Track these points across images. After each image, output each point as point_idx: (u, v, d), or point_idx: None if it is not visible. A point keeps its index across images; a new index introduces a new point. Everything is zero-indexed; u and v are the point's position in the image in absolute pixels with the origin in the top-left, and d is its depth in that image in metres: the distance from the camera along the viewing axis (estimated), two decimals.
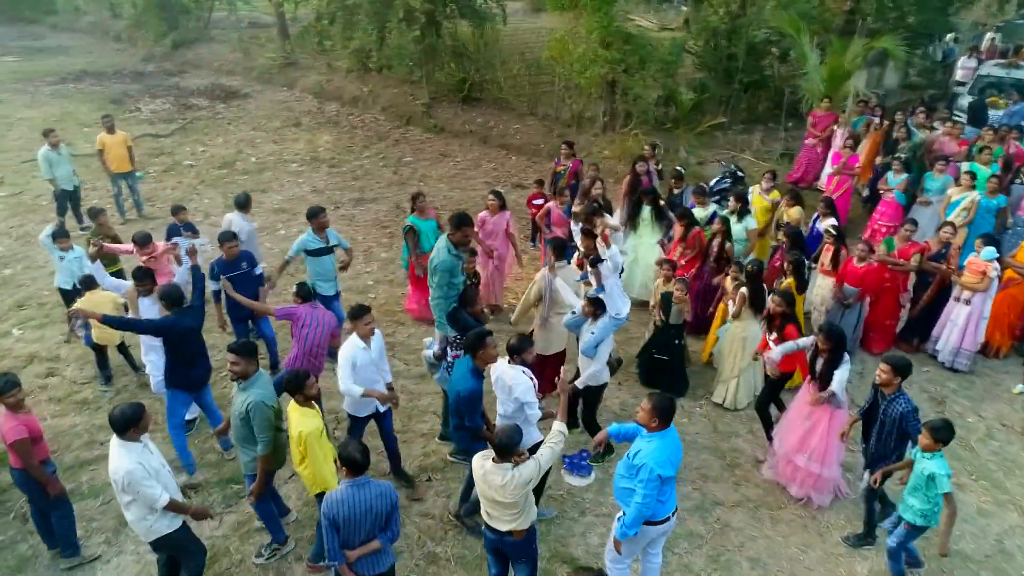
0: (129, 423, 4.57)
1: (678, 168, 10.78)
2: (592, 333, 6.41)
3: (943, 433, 5.06)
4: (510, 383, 5.47)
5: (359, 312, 5.85)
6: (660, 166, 11.33)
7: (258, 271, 7.62)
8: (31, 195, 13.08)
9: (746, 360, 7.40)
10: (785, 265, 7.89)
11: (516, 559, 4.93)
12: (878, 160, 11.92)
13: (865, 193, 12.15)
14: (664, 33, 18.94)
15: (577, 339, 6.74)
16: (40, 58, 25.10)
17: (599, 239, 6.43)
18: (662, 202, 9.44)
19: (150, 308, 6.95)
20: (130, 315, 7.11)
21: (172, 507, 4.77)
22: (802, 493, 6.37)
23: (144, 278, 6.95)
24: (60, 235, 7.79)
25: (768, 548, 5.96)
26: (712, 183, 11.98)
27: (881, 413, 5.54)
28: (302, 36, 19.91)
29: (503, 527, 4.70)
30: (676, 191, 10.05)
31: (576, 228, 7.14)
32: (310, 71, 21.10)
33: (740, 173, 12.32)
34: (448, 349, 6.51)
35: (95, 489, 6.42)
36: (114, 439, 4.65)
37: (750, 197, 10.23)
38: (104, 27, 29.65)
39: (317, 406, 5.35)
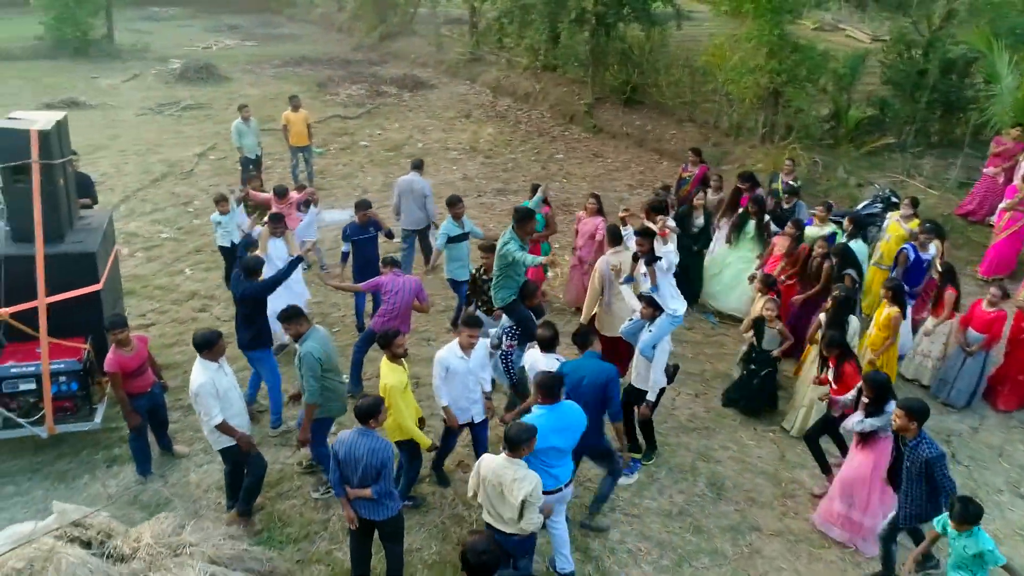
0: (205, 344, 5.47)
1: (791, 183, 10.24)
2: (650, 331, 6.46)
3: (971, 516, 4.60)
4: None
5: (470, 321, 6.01)
6: (798, 182, 10.84)
7: (391, 234, 9.01)
8: (232, 160, 15.21)
9: (819, 389, 7.00)
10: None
11: (518, 558, 4.93)
12: None
13: None
14: (874, 45, 17.65)
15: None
16: (273, 44, 28.70)
17: (656, 235, 6.45)
18: (767, 217, 9.12)
19: (278, 247, 8.12)
20: (257, 252, 8.28)
21: (223, 428, 5.58)
22: (845, 539, 5.99)
23: (277, 222, 8.16)
24: (220, 199, 9.16)
25: None
26: (860, 207, 11.18)
27: (906, 460, 5.12)
28: (484, 33, 21.01)
29: (507, 529, 4.74)
30: (787, 206, 9.60)
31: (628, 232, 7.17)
32: (491, 67, 22.23)
33: (895, 199, 11.35)
34: (504, 338, 6.88)
35: None
36: (197, 359, 5.59)
37: (886, 224, 9.54)
38: (330, 19, 33.14)
39: (404, 363, 5.94)
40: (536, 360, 5.81)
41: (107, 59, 24.27)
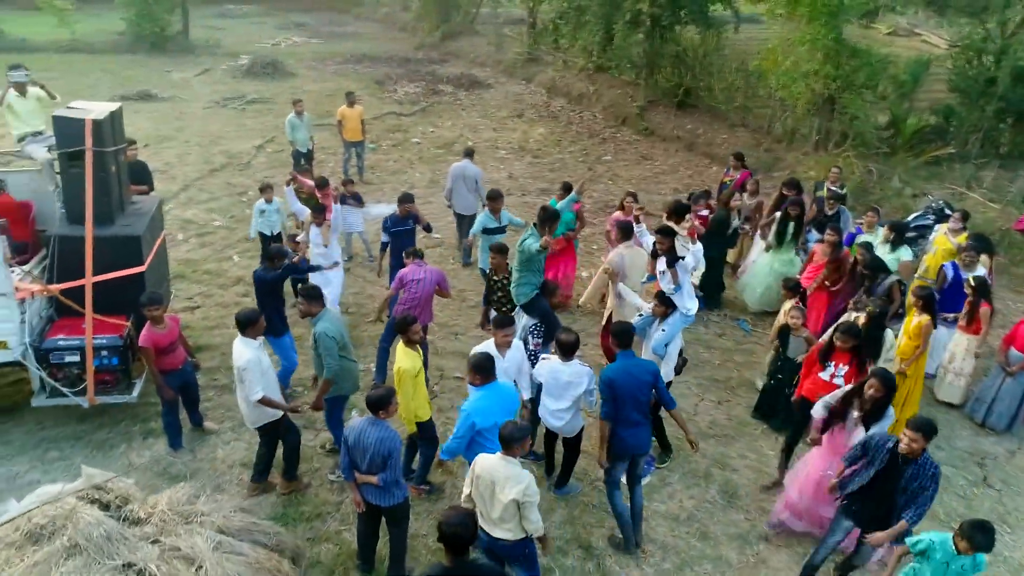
0: (248, 323, 5.80)
1: (834, 188, 9.99)
2: (663, 331, 6.47)
3: (988, 543, 4.41)
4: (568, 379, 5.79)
5: (502, 322, 6.03)
6: (844, 189, 10.58)
7: (429, 227, 9.39)
8: (288, 153, 15.72)
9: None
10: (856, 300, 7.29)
11: (511, 562, 4.94)
12: None
13: None
14: (945, 51, 16.98)
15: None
16: (337, 41, 29.48)
17: (684, 234, 6.45)
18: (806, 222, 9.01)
19: (316, 234, 8.51)
20: (300, 237, 8.62)
21: (265, 402, 5.86)
22: (811, 529, 5.92)
23: (318, 212, 8.55)
24: (264, 188, 9.54)
25: None
26: (911, 218, 10.82)
27: (904, 482, 4.88)
28: (541, 34, 21.11)
29: (495, 532, 4.72)
30: (830, 212, 9.38)
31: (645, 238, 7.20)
32: (548, 67, 22.33)
33: (949, 211, 10.93)
34: (529, 337, 6.96)
35: None
36: (237, 337, 5.89)
37: (933, 236, 9.25)
38: (394, 18, 33.83)
39: (420, 350, 6.12)
40: (555, 370, 5.78)
41: (181, 54, 25.40)
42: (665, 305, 6.45)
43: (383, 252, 9.05)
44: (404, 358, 5.91)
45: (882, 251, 8.32)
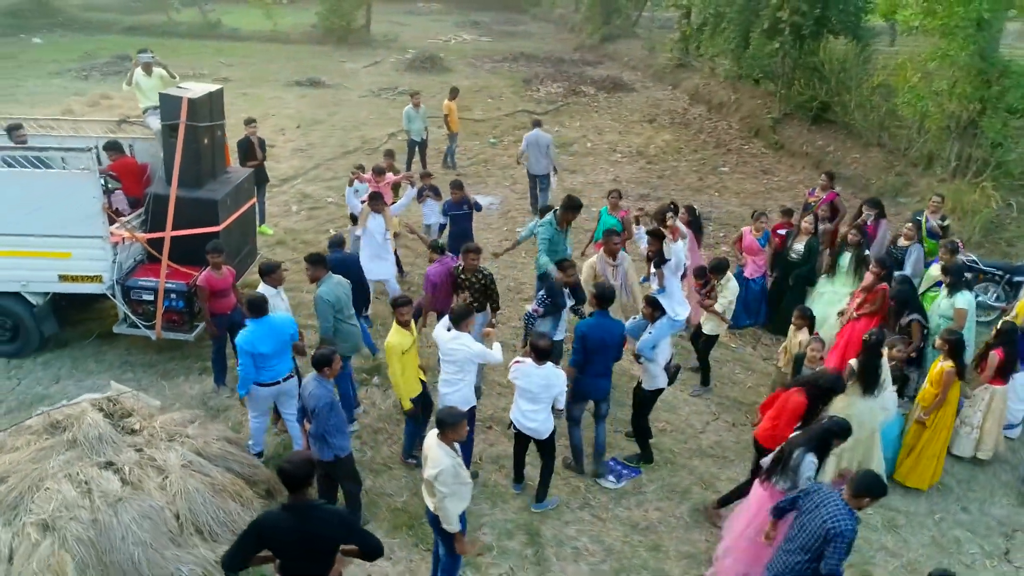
0: (267, 271, 6.81)
1: (937, 222, 9.09)
2: (649, 333, 6.48)
3: None
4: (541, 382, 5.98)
5: (460, 315, 6.16)
6: (946, 221, 9.61)
7: (479, 207, 9.98)
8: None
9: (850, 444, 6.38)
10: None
11: (441, 541, 5.21)
12: None
13: None
14: None
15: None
16: (505, 40, 30.69)
17: (668, 234, 6.42)
18: (867, 252, 8.31)
19: (377, 222, 9.18)
20: (358, 230, 9.43)
21: None
22: None
23: (375, 200, 9.19)
24: (358, 168, 10.49)
25: None
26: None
27: (810, 516, 4.56)
28: (684, 40, 20.73)
29: (428, 505, 5.06)
30: (904, 243, 8.58)
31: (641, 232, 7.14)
32: (695, 73, 21.85)
33: None
34: (535, 303, 7.28)
35: None
36: (260, 283, 6.81)
37: None
38: (567, 19, 34.51)
39: (411, 331, 6.57)
40: (528, 373, 5.96)
41: (361, 46, 27.81)
42: (652, 308, 6.47)
43: (440, 232, 10.01)
44: (394, 335, 6.34)
45: (941, 296, 7.64)
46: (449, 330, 6.10)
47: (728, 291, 7.77)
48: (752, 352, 9.06)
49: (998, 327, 6.92)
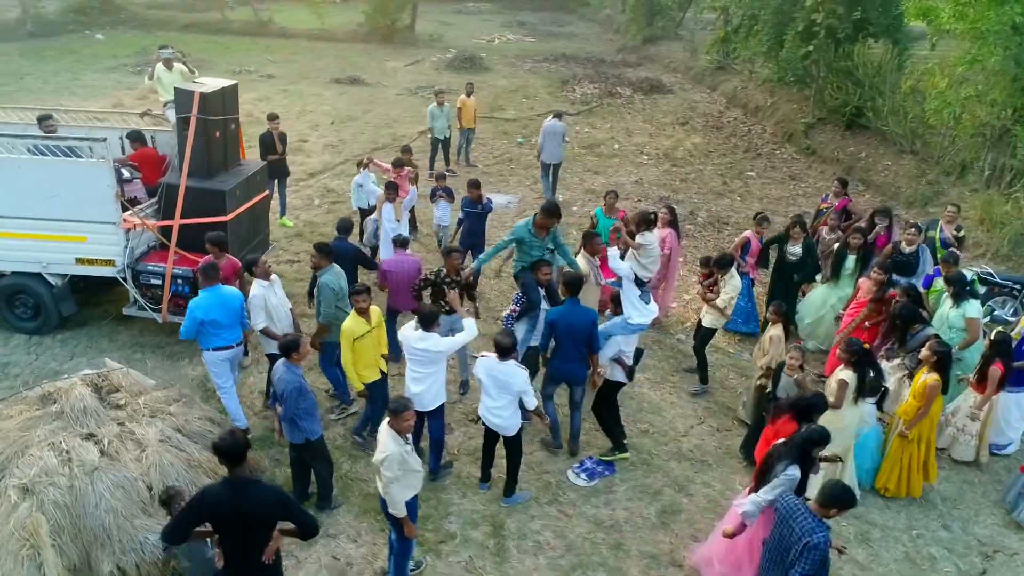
0: (251, 264, 6.98)
1: (952, 233, 8.79)
2: (603, 325, 6.72)
3: None
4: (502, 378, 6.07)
5: (426, 318, 6.26)
6: (961, 231, 9.31)
7: (489, 207, 10.06)
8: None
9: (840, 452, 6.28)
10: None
11: (392, 527, 5.35)
12: None
13: None
14: None
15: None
16: (548, 40, 30.75)
17: (620, 243, 6.59)
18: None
19: (388, 211, 9.50)
20: (374, 217, 9.68)
21: (265, 332, 6.93)
22: None
23: (390, 189, 9.56)
24: (361, 164, 10.76)
25: None
26: None
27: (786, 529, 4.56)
28: (718, 43, 20.48)
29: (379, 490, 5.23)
30: (908, 248, 8.35)
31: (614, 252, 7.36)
32: (734, 76, 21.54)
33: None
34: (512, 304, 7.45)
35: None
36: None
37: None
38: (612, 20, 34.35)
39: (367, 320, 6.58)
40: (490, 367, 6.11)
41: (404, 45, 28.24)
42: (616, 305, 6.82)
43: (458, 228, 10.17)
44: (350, 320, 6.51)
45: (946, 307, 7.42)
46: (417, 330, 6.24)
47: (731, 287, 7.80)
48: (748, 360, 8.94)
49: (991, 338, 6.73)
